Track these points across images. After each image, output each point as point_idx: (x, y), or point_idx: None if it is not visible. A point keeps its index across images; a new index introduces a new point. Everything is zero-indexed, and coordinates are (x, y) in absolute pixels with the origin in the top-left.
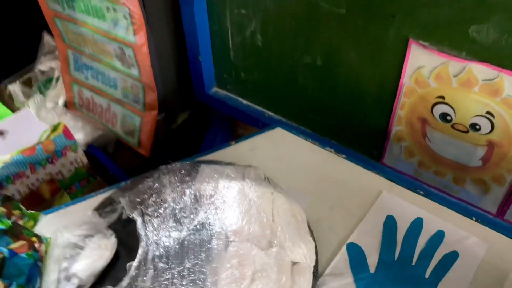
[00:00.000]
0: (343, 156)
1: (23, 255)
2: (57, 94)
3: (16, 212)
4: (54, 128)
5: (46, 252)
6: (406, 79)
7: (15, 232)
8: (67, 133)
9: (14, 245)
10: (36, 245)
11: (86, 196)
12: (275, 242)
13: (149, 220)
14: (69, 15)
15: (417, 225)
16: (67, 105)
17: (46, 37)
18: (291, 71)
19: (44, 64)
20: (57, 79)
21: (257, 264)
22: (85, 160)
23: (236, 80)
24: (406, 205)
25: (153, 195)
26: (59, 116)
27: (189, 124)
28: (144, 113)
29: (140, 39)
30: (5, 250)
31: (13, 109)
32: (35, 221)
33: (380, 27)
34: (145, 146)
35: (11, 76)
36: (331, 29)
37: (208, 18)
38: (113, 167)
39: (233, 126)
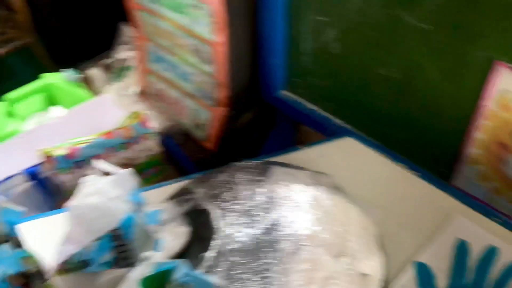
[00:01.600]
0: (416, 173)
1: None
2: (132, 83)
3: None
4: (133, 115)
5: None
6: (489, 101)
7: None
8: (145, 121)
9: None
10: None
11: (160, 184)
12: (347, 252)
13: (225, 214)
14: (151, 8)
15: (490, 254)
16: (140, 94)
17: (123, 28)
18: (365, 82)
19: (121, 53)
20: (133, 68)
21: (328, 271)
22: (159, 148)
23: (306, 85)
24: (480, 231)
25: (228, 190)
26: (133, 104)
27: (253, 124)
28: (214, 109)
29: (219, 37)
30: None
31: (92, 92)
32: None
33: (467, 46)
34: (212, 140)
35: (91, 61)
36: (413, 43)
37: (285, 22)
38: (183, 158)
39: (297, 131)
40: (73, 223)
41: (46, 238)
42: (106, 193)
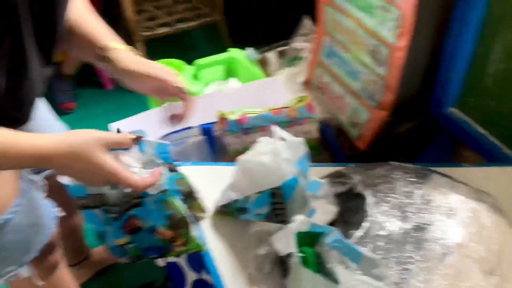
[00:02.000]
0: None
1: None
2: (300, 72)
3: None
4: (301, 99)
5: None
6: None
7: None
8: (310, 106)
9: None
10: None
11: (316, 164)
12: (499, 272)
13: (379, 202)
14: (340, 5)
15: None
16: (305, 83)
17: (305, 21)
18: None
19: (298, 44)
20: (304, 58)
21: (474, 284)
22: (317, 134)
23: (479, 107)
24: None
25: (385, 183)
26: (298, 91)
27: (412, 135)
28: (375, 111)
29: (401, 42)
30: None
31: (265, 73)
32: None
33: None
34: (365, 141)
35: (269, 45)
36: None
37: (476, 39)
38: (337, 149)
39: (456, 151)
40: (241, 174)
41: (206, 182)
42: (277, 155)
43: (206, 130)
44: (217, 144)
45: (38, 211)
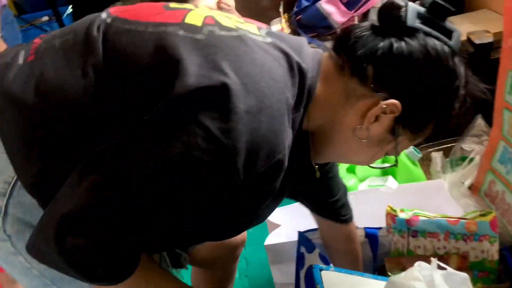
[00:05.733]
0: None
1: None
2: (466, 175)
3: None
4: (484, 214)
5: None
6: None
7: None
8: (494, 224)
9: None
10: None
11: None
12: None
13: None
14: None
15: None
16: (472, 188)
17: (479, 121)
18: None
19: (468, 144)
20: (470, 160)
21: None
22: (496, 256)
23: None
24: None
25: None
26: (462, 197)
27: None
28: None
29: None
30: None
31: (428, 172)
32: None
33: None
34: None
35: (436, 142)
36: None
37: None
38: None
39: None
40: None
41: None
42: (432, 285)
43: (370, 234)
44: (380, 244)
45: None
